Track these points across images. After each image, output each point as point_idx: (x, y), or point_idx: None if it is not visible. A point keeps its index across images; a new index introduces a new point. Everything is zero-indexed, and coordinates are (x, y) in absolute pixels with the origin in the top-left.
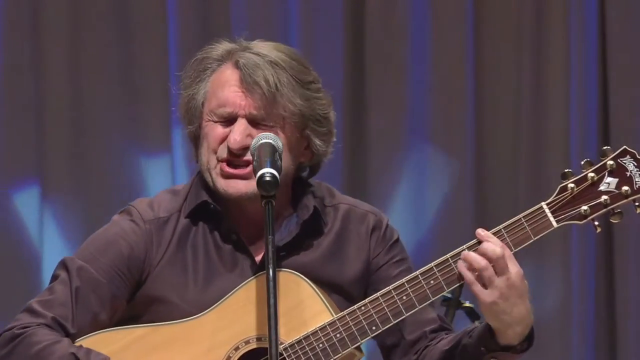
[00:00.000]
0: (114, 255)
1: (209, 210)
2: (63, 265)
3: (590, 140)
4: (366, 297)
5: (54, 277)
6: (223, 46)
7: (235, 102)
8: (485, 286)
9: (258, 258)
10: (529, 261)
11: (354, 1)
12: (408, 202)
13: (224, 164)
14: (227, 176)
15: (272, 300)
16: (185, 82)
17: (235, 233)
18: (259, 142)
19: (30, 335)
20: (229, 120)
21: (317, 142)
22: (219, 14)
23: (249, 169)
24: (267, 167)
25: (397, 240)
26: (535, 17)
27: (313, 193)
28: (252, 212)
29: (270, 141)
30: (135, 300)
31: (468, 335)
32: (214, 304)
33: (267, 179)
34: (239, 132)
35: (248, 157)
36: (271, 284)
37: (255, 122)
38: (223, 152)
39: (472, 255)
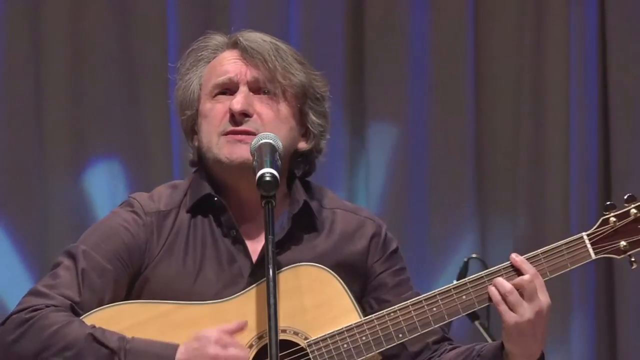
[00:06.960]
0: (116, 243)
1: (209, 204)
2: (66, 252)
3: (590, 139)
4: (362, 303)
5: (56, 265)
6: (220, 37)
7: (236, 70)
8: (511, 309)
9: (255, 255)
10: None
11: (354, 1)
12: (409, 203)
13: (228, 135)
14: (231, 142)
15: (272, 300)
16: (181, 71)
17: (234, 229)
18: (259, 142)
19: (42, 318)
20: (229, 92)
21: (315, 120)
22: (218, 14)
23: (251, 136)
24: (267, 167)
25: (396, 249)
26: (535, 16)
27: (307, 191)
28: (250, 207)
29: (270, 141)
30: (131, 293)
31: (477, 355)
32: (211, 299)
33: (267, 179)
34: (241, 96)
35: (249, 126)
36: (271, 284)
37: (257, 89)
38: (226, 126)
39: (499, 280)
